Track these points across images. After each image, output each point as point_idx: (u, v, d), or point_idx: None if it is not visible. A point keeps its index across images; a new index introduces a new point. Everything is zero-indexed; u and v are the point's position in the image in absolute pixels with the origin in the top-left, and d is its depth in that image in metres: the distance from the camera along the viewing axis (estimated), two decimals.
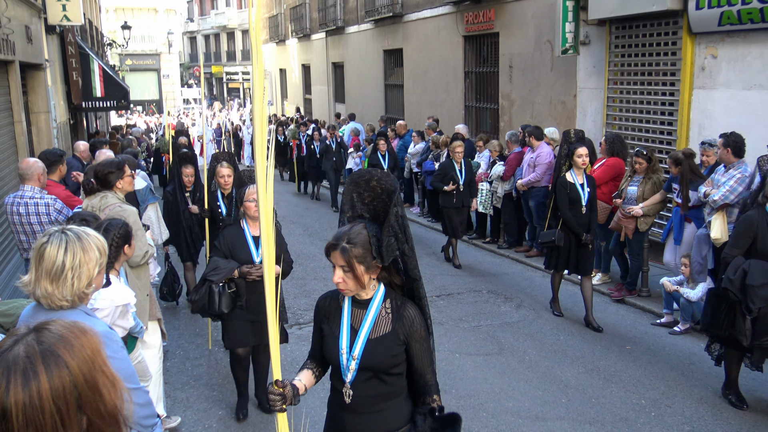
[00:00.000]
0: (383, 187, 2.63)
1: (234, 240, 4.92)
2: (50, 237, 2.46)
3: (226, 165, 6.59)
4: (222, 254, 4.90)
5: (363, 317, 2.67)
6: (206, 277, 4.82)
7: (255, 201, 4.59)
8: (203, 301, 4.82)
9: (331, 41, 23.10)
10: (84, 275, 2.45)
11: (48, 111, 10.93)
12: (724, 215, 6.61)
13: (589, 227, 7.04)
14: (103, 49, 23.02)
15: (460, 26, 14.25)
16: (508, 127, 12.32)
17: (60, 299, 2.43)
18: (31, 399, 1.26)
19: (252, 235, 4.93)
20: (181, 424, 5.20)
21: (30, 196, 5.59)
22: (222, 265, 4.82)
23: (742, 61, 7.81)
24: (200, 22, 52.65)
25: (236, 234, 4.96)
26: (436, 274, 9.23)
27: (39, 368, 1.29)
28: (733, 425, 5.06)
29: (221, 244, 4.92)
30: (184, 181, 7.62)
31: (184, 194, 7.66)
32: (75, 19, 11.64)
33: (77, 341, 1.36)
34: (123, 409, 1.39)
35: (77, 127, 16.53)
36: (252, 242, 4.92)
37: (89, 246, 2.48)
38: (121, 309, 3.68)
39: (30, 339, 1.33)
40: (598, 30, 10.08)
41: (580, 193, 7.00)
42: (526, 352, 6.50)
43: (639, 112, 9.50)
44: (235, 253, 4.90)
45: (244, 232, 4.95)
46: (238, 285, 4.90)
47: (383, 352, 2.62)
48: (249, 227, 4.95)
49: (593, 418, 5.20)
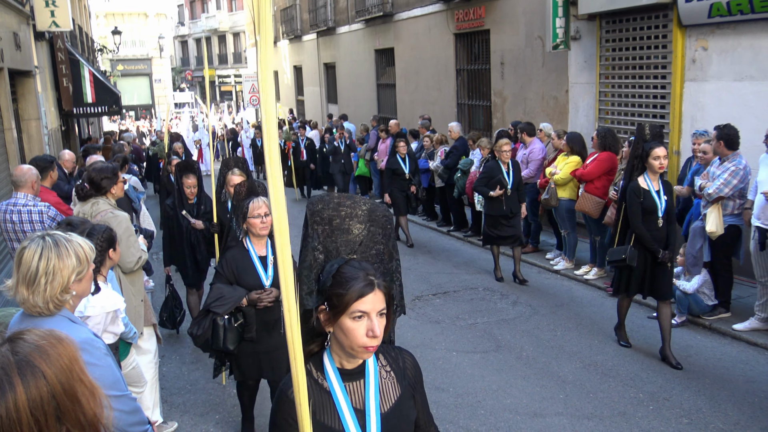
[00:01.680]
0: None
1: (238, 263, 4.33)
2: (30, 242, 2.44)
3: (238, 173, 5.99)
4: (226, 280, 4.30)
5: (363, 390, 2.01)
6: (209, 308, 4.20)
7: (261, 217, 4.20)
8: (206, 336, 4.25)
9: (322, 42, 23.07)
10: (57, 282, 2.41)
11: (39, 118, 10.89)
12: (719, 208, 6.60)
13: (667, 242, 5.95)
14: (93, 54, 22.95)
15: (450, 24, 14.23)
16: (501, 123, 12.31)
17: (33, 305, 2.40)
18: (8, 411, 1.23)
19: (258, 256, 4.37)
20: (178, 429, 5.17)
21: (23, 204, 5.55)
22: (227, 294, 4.22)
23: (732, 53, 7.81)
24: (191, 25, 52.54)
25: (240, 256, 4.35)
26: (432, 272, 9.21)
27: (15, 379, 1.26)
28: (732, 417, 5.05)
29: (224, 269, 4.32)
30: (185, 193, 6.69)
31: (186, 208, 6.73)
32: (64, 25, 11.58)
33: (53, 350, 1.33)
34: (103, 418, 1.36)
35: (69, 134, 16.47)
36: (259, 263, 4.34)
37: (66, 253, 2.43)
38: (112, 315, 3.66)
39: (4, 350, 1.30)
40: (588, 25, 10.07)
41: (656, 201, 5.90)
42: (524, 349, 6.49)
43: (631, 105, 9.50)
44: (241, 278, 4.30)
45: (249, 254, 4.36)
46: (247, 315, 4.32)
47: (403, 424, 2.07)
48: (254, 247, 4.38)
49: (591, 412, 5.19)
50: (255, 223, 4.26)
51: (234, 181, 5.86)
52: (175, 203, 6.73)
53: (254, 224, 4.27)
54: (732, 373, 5.80)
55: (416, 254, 10.25)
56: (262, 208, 4.23)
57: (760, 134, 7.32)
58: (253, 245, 4.37)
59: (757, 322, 6.49)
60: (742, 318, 6.69)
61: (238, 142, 22.48)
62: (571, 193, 8.57)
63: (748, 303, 7.02)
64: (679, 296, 6.81)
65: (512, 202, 8.44)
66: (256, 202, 4.25)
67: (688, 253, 6.84)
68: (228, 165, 6.14)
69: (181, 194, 6.71)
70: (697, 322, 6.87)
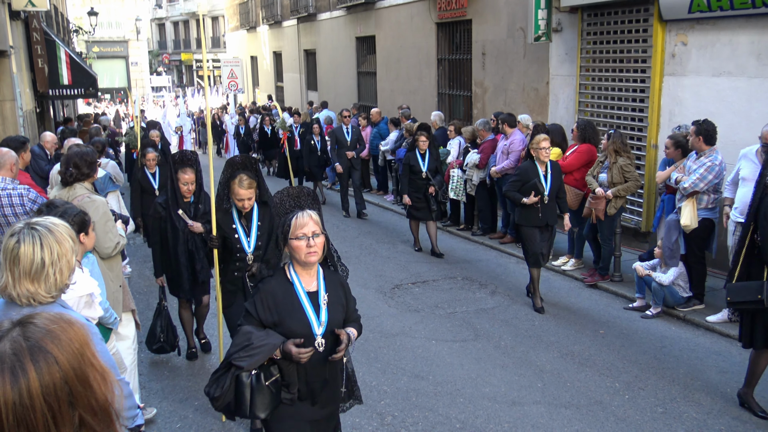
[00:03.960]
0: None
1: (278, 300, 3.15)
2: (19, 235, 2.37)
3: (247, 182, 4.69)
4: (258, 323, 3.14)
5: None
6: (232, 361, 3.05)
7: (308, 238, 3.06)
8: (227, 398, 3.10)
9: (302, 28, 22.90)
10: (65, 267, 2.42)
11: (13, 99, 10.68)
12: (694, 202, 6.72)
13: None
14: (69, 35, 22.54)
15: (432, 13, 14.21)
16: (482, 114, 12.35)
17: (45, 296, 2.40)
18: (21, 397, 1.22)
19: (306, 291, 3.19)
20: (157, 415, 5.15)
21: (2, 187, 5.44)
22: (257, 341, 3.03)
23: (711, 48, 7.91)
24: (169, 8, 51.83)
25: (281, 291, 3.17)
26: (411, 261, 9.25)
27: (27, 365, 1.24)
28: (705, 406, 5.16)
29: (258, 308, 3.14)
30: (181, 190, 5.68)
31: (182, 207, 5.71)
32: (40, 5, 11.35)
33: (65, 335, 1.31)
34: (114, 402, 1.36)
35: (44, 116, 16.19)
36: (307, 301, 3.17)
37: (62, 237, 2.43)
38: (86, 299, 3.60)
39: (15, 335, 1.28)
40: (570, 17, 10.12)
41: None
42: (502, 338, 6.55)
43: (610, 98, 9.58)
44: (282, 322, 3.13)
45: (295, 287, 3.18)
46: (285, 370, 3.14)
47: None
48: (300, 278, 3.21)
49: (569, 401, 5.27)
50: (299, 246, 3.09)
51: (241, 194, 4.69)
52: (168, 201, 5.68)
53: (298, 248, 3.09)
54: (705, 364, 5.91)
55: (395, 243, 10.27)
56: (309, 226, 3.08)
57: (737, 129, 7.46)
58: (298, 276, 3.21)
59: (729, 314, 6.62)
60: (715, 310, 6.82)
61: (223, 128, 22.15)
62: None
63: (721, 295, 7.14)
64: (655, 288, 6.91)
65: (549, 211, 7.13)
66: (301, 218, 3.10)
67: (665, 246, 6.95)
68: (235, 165, 4.77)
69: (175, 191, 5.69)
70: (672, 314, 6.98)
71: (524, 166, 7.21)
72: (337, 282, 3.31)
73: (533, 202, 6.98)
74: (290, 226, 3.09)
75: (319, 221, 3.11)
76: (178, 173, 5.68)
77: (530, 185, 7.01)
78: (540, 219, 7.08)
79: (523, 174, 7.13)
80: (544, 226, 7.15)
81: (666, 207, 7.39)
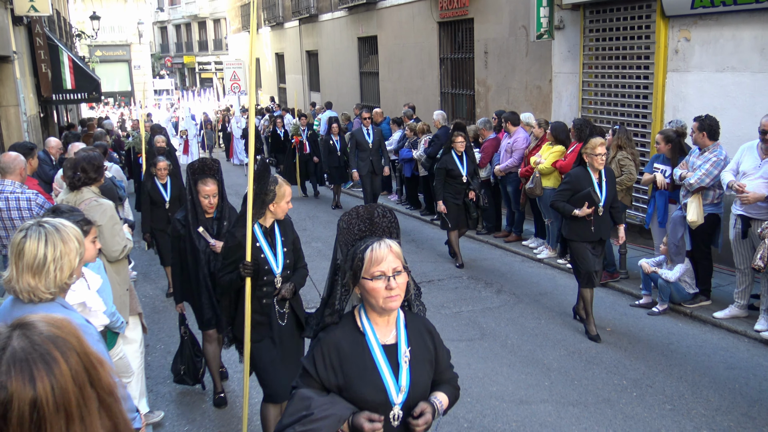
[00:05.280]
0: None
1: (346, 355, 2.40)
2: (28, 231, 2.48)
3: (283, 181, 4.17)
4: (318, 384, 2.41)
5: None
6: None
7: (388, 277, 2.33)
8: None
9: (304, 29, 22.91)
10: (66, 266, 2.50)
11: (17, 104, 10.71)
12: (700, 198, 6.70)
13: None
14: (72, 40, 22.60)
15: (434, 12, 14.20)
16: (485, 113, 12.33)
17: (44, 292, 2.47)
18: (57, 384, 1.29)
19: (382, 345, 2.43)
20: (165, 418, 5.16)
21: (11, 191, 5.49)
22: (318, 411, 2.30)
23: (714, 44, 7.89)
24: (170, 11, 51.92)
25: (349, 342, 2.42)
26: (416, 261, 9.24)
27: (54, 353, 1.31)
28: (713, 403, 5.15)
29: (317, 365, 2.41)
30: (202, 203, 4.95)
31: (203, 224, 4.98)
32: (43, 10, 11.37)
33: (62, 330, 1.38)
34: (116, 387, 1.43)
35: (48, 120, 16.23)
36: (383, 359, 2.42)
37: (68, 237, 2.51)
38: (79, 309, 3.58)
39: (21, 333, 1.33)
40: (572, 14, 10.11)
41: None
42: (508, 337, 6.55)
43: (614, 95, 9.57)
44: (350, 384, 2.37)
45: (367, 340, 2.42)
46: None
47: None
48: (374, 327, 2.44)
49: (576, 399, 5.26)
50: (375, 289, 2.33)
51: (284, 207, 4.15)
52: (188, 218, 4.99)
53: (374, 291, 2.33)
54: (713, 360, 5.90)
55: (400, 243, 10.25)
56: (389, 261, 2.34)
57: (741, 125, 7.44)
58: (372, 324, 2.44)
59: (736, 309, 6.60)
60: (722, 306, 6.80)
61: (228, 132, 22.03)
62: (555, 182, 8.61)
63: (727, 291, 7.14)
64: (661, 284, 6.90)
65: (603, 224, 6.32)
66: (378, 251, 2.35)
67: (670, 243, 6.93)
68: (264, 175, 4.04)
69: (195, 206, 4.97)
70: (679, 310, 6.97)
71: (575, 173, 6.36)
72: (422, 329, 2.55)
73: (586, 213, 6.18)
74: (363, 260, 2.36)
75: (400, 253, 2.40)
76: (198, 185, 4.92)
77: (583, 195, 6.20)
78: (593, 233, 6.27)
79: (574, 182, 6.30)
80: (598, 241, 6.35)
81: (657, 203, 7.38)
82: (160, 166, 7.66)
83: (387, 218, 2.55)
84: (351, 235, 2.49)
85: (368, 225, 2.52)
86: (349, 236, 2.49)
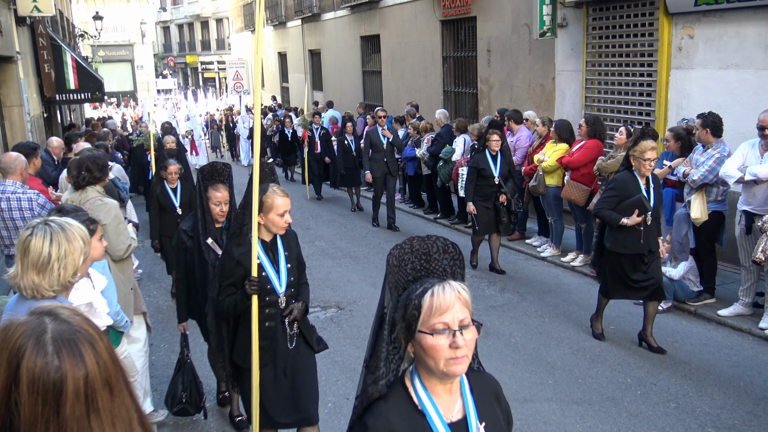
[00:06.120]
0: None
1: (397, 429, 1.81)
2: (34, 229, 2.53)
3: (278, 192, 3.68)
4: None
5: None
6: None
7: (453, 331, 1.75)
8: None
9: (307, 28, 22.92)
10: (70, 265, 2.54)
11: (21, 104, 10.75)
12: (704, 195, 6.69)
13: None
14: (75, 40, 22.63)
15: (437, 11, 14.19)
16: (488, 111, 12.32)
17: (47, 289, 2.52)
18: (101, 360, 1.36)
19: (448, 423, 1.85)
20: (169, 417, 5.16)
21: (12, 191, 5.50)
22: None
23: (718, 41, 7.87)
24: (173, 11, 52.00)
25: (406, 426, 1.81)
26: None
27: (92, 332, 1.38)
28: (718, 401, 5.14)
29: None
30: (213, 212, 4.52)
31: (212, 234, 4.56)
32: (46, 10, 11.41)
33: (78, 317, 1.43)
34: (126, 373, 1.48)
35: (51, 120, 16.27)
36: None
37: (73, 236, 2.56)
38: (85, 309, 3.59)
39: (53, 318, 1.37)
40: (575, 12, 10.09)
41: None
42: (512, 335, 6.54)
43: (617, 93, 9.55)
44: None
45: (429, 421, 1.83)
46: None
47: None
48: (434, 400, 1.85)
49: (580, 398, 5.25)
50: (437, 347, 1.76)
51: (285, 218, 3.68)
52: (197, 228, 4.54)
53: (435, 350, 1.76)
54: (717, 358, 5.89)
55: None
56: (455, 311, 1.77)
57: (745, 122, 7.41)
58: (431, 395, 1.85)
59: (741, 307, 6.59)
60: (726, 304, 6.78)
61: (234, 133, 21.88)
62: (559, 180, 8.62)
63: (731, 289, 7.12)
64: (666, 282, 6.88)
65: (652, 234, 5.78)
66: (441, 297, 1.77)
67: (674, 240, 6.91)
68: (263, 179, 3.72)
69: (205, 214, 4.52)
70: (683, 308, 6.95)
71: (622, 179, 5.81)
72: (489, 393, 2.02)
73: (636, 222, 5.65)
74: (421, 308, 1.77)
75: (469, 301, 1.81)
76: (209, 191, 4.52)
77: (632, 202, 5.67)
78: (642, 244, 5.73)
79: (621, 187, 5.74)
80: (646, 253, 5.79)
81: (664, 200, 7.34)
82: (170, 169, 7.30)
83: (449, 254, 1.92)
84: (403, 275, 1.87)
85: (424, 263, 1.89)
86: (400, 276, 1.87)
